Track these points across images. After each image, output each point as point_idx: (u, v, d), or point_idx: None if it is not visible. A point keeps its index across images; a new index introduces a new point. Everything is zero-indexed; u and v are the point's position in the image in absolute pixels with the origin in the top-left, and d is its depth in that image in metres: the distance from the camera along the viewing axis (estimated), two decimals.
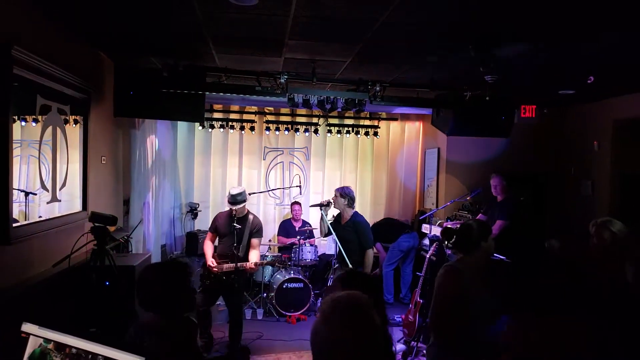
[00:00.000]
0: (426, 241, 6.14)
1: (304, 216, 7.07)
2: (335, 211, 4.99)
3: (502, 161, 6.46)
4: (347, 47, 3.93)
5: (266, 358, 4.75)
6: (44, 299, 3.15)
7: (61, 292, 3.35)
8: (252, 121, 7.06)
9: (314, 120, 7.19)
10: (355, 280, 2.08)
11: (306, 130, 7.16)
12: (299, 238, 6.37)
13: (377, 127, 7.35)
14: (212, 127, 6.97)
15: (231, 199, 4.54)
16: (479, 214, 5.90)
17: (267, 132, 7.13)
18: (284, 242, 6.75)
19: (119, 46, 4.22)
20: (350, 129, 7.26)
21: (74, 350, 1.36)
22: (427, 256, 5.09)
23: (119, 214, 4.86)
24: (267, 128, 7.05)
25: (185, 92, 4.42)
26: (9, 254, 2.85)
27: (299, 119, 7.25)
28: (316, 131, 7.15)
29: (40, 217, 3.33)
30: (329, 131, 7.28)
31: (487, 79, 3.94)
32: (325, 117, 7.01)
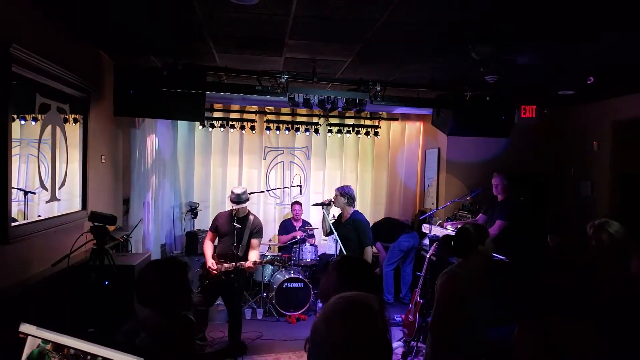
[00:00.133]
0: (426, 241, 6.14)
1: (304, 216, 7.07)
2: (337, 211, 5.08)
3: (502, 161, 6.45)
4: (347, 47, 3.93)
5: (266, 358, 4.75)
6: (43, 298, 3.14)
7: (60, 292, 3.34)
8: (253, 120, 7.05)
9: (315, 120, 7.19)
10: (350, 265, 2.08)
11: (307, 129, 7.16)
12: (300, 238, 6.37)
13: (377, 127, 7.34)
14: (212, 126, 6.97)
15: (236, 198, 4.56)
16: (479, 213, 5.89)
17: (267, 132, 7.13)
18: (284, 240, 6.74)
19: (119, 45, 4.22)
20: (351, 128, 7.25)
21: (72, 351, 1.35)
22: (427, 256, 5.09)
23: (119, 213, 4.86)
24: (268, 127, 7.05)
25: (186, 91, 4.42)
26: (7, 253, 2.84)
27: (299, 119, 7.24)
28: (317, 131, 7.15)
29: (40, 216, 3.32)
30: (330, 131, 7.28)
31: (487, 79, 3.94)
32: (326, 116, 7.00)
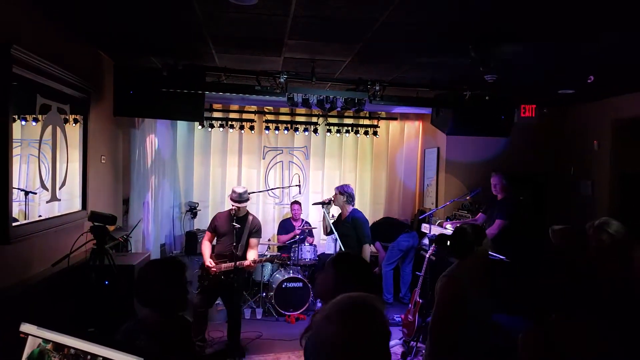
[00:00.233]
0: (426, 241, 6.14)
1: (304, 215, 7.08)
2: (337, 210, 5.14)
3: (501, 161, 6.45)
4: (346, 47, 3.93)
5: (265, 357, 4.75)
6: (44, 298, 3.15)
7: (61, 292, 3.35)
8: (252, 120, 7.05)
9: (314, 119, 7.19)
10: (347, 263, 2.08)
11: (305, 129, 7.16)
12: (299, 237, 6.37)
13: (376, 126, 7.35)
14: (211, 126, 6.97)
15: (237, 197, 4.58)
16: (479, 213, 5.89)
17: (266, 132, 7.13)
18: (284, 240, 6.74)
19: (118, 45, 4.22)
20: (350, 128, 7.25)
21: (73, 351, 1.36)
22: (427, 256, 5.09)
23: (119, 213, 4.86)
24: (267, 127, 7.05)
25: (185, 91, 4.42)
26: (8, 253, 2.85)
27: (298, 119, 7.25)
28: (315, 130, 7.15)
29: (40, 216, 3.33)
30: (329, 130, 7.28)
31: (487, 78, 3.94)
32: (325, 116, 7.01)
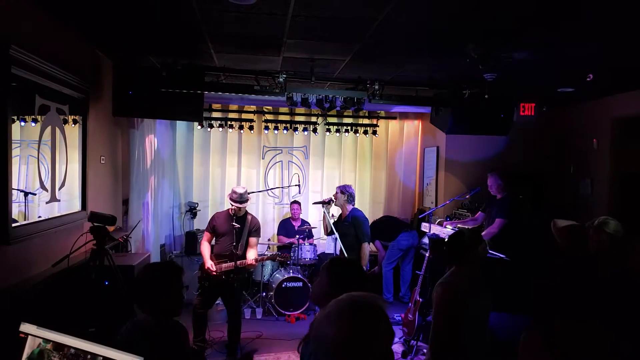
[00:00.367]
0: (425, 240, 6.14)
1: (303, 215, 7.08)
2: (337, 210, 5.17)
3: (501, 159, 6.45)
4: (345, 46, 3.93)
5: (265, 357, 4.76)
6: (44, 298, 3.15)
7: (60, 292, 3.34)
8: (251, 120, 7.05)
9: (313, 119, 7.19)
10: (341, 267, 2.08)
11: (305, 129, 7.16)
12: (298, 238, 6.37)
13: (376, 125, 7.35)
14: (211, 126, 6.97)
15: (238, 197, 4.59)
16: (479, 212, 5.90)
17: (266, 132, 7.13)
18: (283, 241, 6.75)
19: (117, 45, 4.22)
20: (349, 127, 7.26)
21: (73, 351, 1.36)
22: (427, 255, 5.10)
23: (118, 213, 4.86)
24: (266, 127, 7.05)
25: (184, 91, 4.42)
26: (8, 254, 2.85)
27: (297, 118, 7.25)
28: (315, 130, 7.15)
29: (40, 217, 3.32)
30: (328, 130, 7.28)
31: (486, 77, 3.93)
32: (324, 116, 7.01)
